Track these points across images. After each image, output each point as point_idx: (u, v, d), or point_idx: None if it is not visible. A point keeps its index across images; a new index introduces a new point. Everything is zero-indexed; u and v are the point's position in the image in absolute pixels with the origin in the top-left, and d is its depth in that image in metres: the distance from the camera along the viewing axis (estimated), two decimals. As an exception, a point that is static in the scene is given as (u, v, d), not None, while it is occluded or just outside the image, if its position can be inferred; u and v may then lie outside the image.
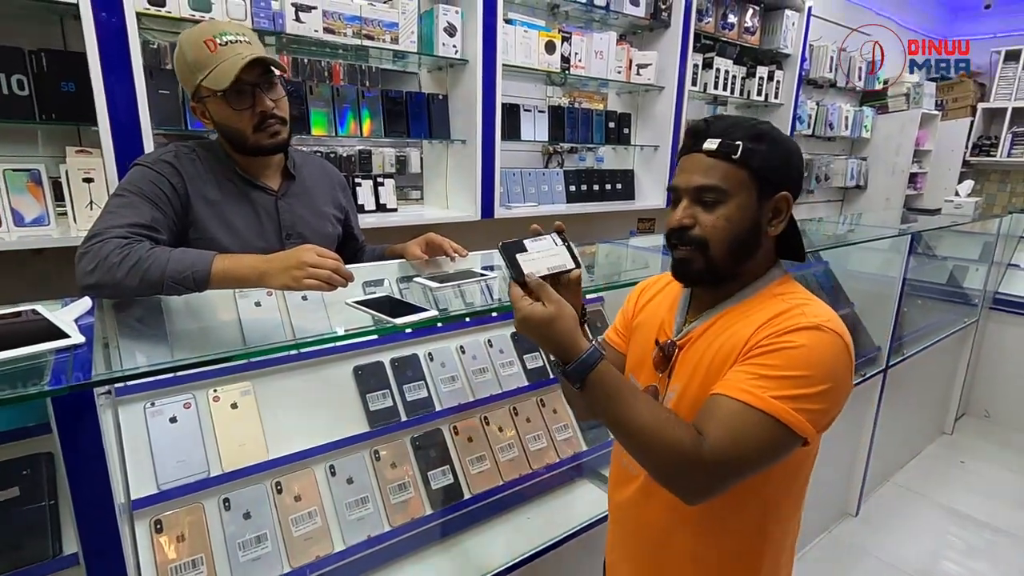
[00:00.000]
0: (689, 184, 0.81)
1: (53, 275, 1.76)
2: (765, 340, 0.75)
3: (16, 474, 0.87)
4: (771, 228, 0.82)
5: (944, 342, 2.95)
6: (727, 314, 0.84)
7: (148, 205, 1.13)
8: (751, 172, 0.79)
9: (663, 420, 0.73)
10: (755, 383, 0.72)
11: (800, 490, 0.88)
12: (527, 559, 1.19)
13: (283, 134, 1.25)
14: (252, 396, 1.15)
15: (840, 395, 0.76)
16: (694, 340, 0.85)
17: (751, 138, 0.79)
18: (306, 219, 1.35)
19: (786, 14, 3.61)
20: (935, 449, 3.19)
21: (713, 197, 0.79)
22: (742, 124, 0.80)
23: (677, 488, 0.74)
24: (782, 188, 0.81)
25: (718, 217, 0.79)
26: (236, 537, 1.02)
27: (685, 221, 0.81)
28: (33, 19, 1.67)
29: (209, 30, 1.17)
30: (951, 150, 5.28)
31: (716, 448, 0.70)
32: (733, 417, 0.71)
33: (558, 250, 0.88)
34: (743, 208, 0.79)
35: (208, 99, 1.19)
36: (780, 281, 0.85)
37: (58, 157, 1.68)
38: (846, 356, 0.76)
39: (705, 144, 0.80)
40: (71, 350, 0.75)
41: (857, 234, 2.65)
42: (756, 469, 0.74)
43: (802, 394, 0.71)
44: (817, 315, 0.76)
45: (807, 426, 0.72)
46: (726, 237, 0.80)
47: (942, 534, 2.49)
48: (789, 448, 0.74)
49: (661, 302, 0.97)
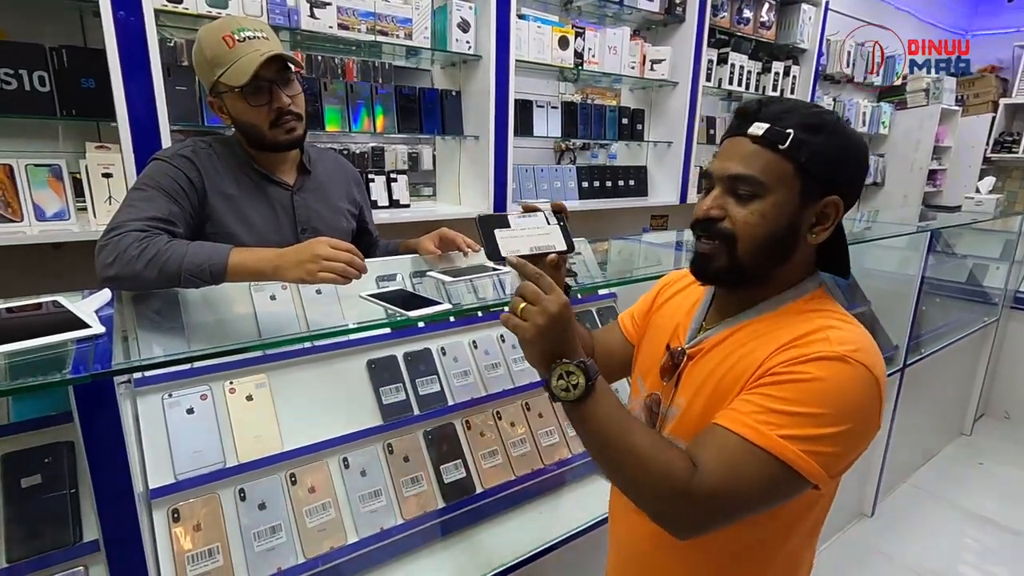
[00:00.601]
0: (724, 171, 0.71)
1: (73, 268, 1.78)
2: (779, 367, 0.66)
3: (39, 462, 0.89)
4: (812, 235, 0.72)
5: (963, 341, 2.90)
6: (747, 327, 0.75)
7: (166, 199, 1.15)
8: (797, 167, 0.68)
9: (656, 443, 0.66)
10: (761, 417, 0.64)
11: (811, 531, 0.80)
12: (539, 554, 1.19)
13: (299, 130, 1.26)
14: (267, 388, 1.16)
15: (862, 438, 0.67)
16: (706, 351, 0.77)
17: (806, 128, 0.68)
18: (321, 214, 1.37)
19: (802, 8, 3.57)
20: (953, 450, 3.14)
21: (748, 190, 0.70)
22: (799, 110, 0.70)
23: (663, 520, 0.66)
24: (833, 191, 0.70)
25: (751, 212, 0.69)
26: (251, 527, 1.03)
27: (713, 212, 0.72)
28: (54, 16, 1.70)
29: (228, 26, 1.18)
30: (972, 146, 5.18)
31: (708, 482, 0.63)
32: (731, 452, 0.64)
33: (549, 229, 0.79)
34: (781, 206, 0.69)
35: (226, 94, 1.20)
36: (812, 295, 0.75)
37: (78, 152, 1.71)
38: (873, 393, 0.66)
39: (751, 128, 0.70)
40: (92, 340, 0.76)
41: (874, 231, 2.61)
42: (753, 510, 0.66)
43: (815, 434, 0.63)
44: (844, 342, 0.66)
45: (817, 470, 0.63)
46: (757, 236, 0.70)
47: (959, 536, 2.45)
48: (793, 492, 0.66)
49: (681, 302, 0.90)
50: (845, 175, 0.71)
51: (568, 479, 1.40)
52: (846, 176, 0.71)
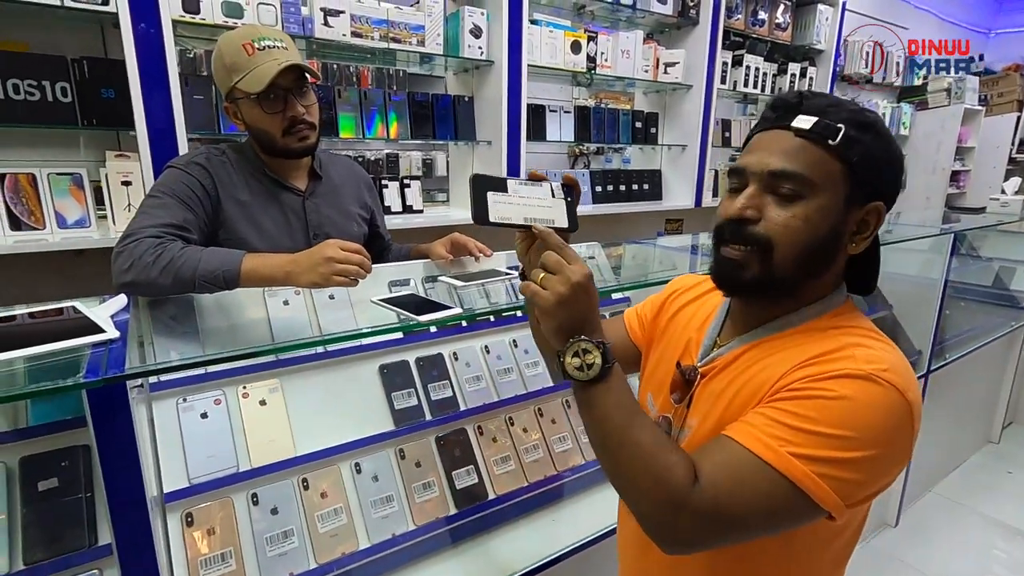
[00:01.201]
0: (764, 166, 0.63)
1: (95, 274, 1.82)
2: (799, 383, 0.60)
3: (56, 465, 0.91)
4: (853, 244, 0.66)
5: (990, 346, 2.82)
6: (765, 342, 0.68)
7: (180, 206, 1.17)
8: (848, 167, 0.62)
9: (661, 443, 0.60)
10: (773, 431, 0.58)
11: (832, 567, 0.73)
12: (551, 562, 1.18)
13: (311, 139, 1.28)
14: (280, 393, 1.17)
15: (888, 468, 0.60)
16: (720, 369, 0.71)
17: (856, 125, 0.62)
18: (332, 219, 1.38)
19: (819, 9, 3.53)
20: (980, 458, 3.05)
21: (792, 188, 0.62)
22: (846, 106, 0.64)
23: (654, 527, 0.60)
24: (877, 196, 0.64)
25: (794, 215, 0.62)
26: (264, 532, 1.04)
27: (748, 212, 0.63)
28: (76, 28, 1.74)
29: (249, 34, 1.21)
30: (996, 146, 5.06)
31: (707, 494, 0.57)
32: (736, 465, 0.58)
33: (552, 203, 0.71)
34: (826, 210, 0.62)
35: (241, 101, 1.22)
36: (838, 311, 0.68)
37: (98, 161, 1.75)
38: (904, 418, 0.58)
39: (796, 120, 0.63)
40: (106, 344, 0.77)
41: (895, 234, 2.56)
42: (752, 531, 0.59)
43: (831, 457, 0.56)
44: (871, 361, 0.59)
45: (832, 497, 0.56)
46: (797, 243, 0.62)
47: (988, 548, 2.37)
48: (804, 518, 0.59)
49: (694, 315, 0.82)
50: (889, 180, 0.65)
51: (581, 486, 1.39)
52: (889, 181, 0.65)
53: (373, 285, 1.14)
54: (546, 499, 1.32)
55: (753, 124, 0.85)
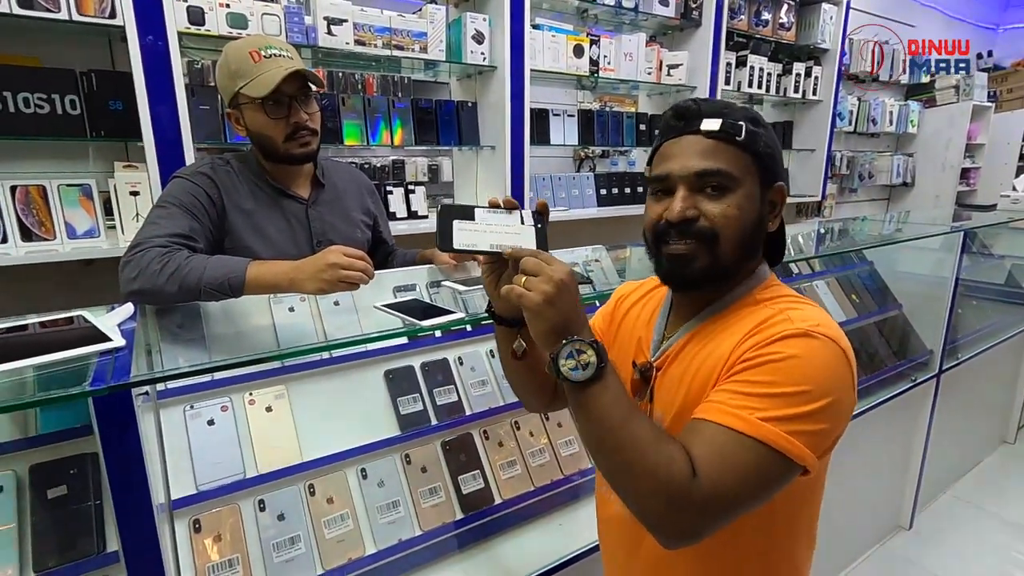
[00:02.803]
0: (689, 169, 0.69)
1: (104, 284, 1.84)
2: (749, 353, 0.65)
3: (65, 473, 0.91)
4: (769, 223, 0.74)
5: (1003, 345, 2.78)
6: (707, 325, 0.73)
7: (186, 216, 1.18)
8: (755, 157, 0.70)
9: (659, 435, 0.62)
10: (739, 402, 0.62)
11: (808, 524, 0.78)
12: (558, 567, 1.17)
13: (313, 145, 1.29)
14: (286, 399, 1.18)
15: (842, 411, 0.65)
16: (672, 358, 0.75)
17: (751, 121, 0.70)
18: (336, 226, 1.39)
19: (823, 8, 3.51)
20: (996, 459, 3.00)
21: (719, 182, 0.68)
22: (735, 106, 0.72)
23: (657, 522, 0.61)
24: (777, 179, 0.73)
25: (728, 206, 0.68)
26: (271, 538, 1.04)
27: (689, 212, 0.69)
28: (84, 42, 1.77)
29: (255, 43, 1.23)
30: (1007, 143, 5.01)
31: (705, 483, 0.59)
32: (718, 445, 0.61)
33: (520, 229, 0.71)
34: (751, 197, 0.70)
35: (245, 106, 1.23)
36: (766, 284, 0.75)
37: (107, 172, 1.77)
38: (844, 364, 0.65)
39: (704, 124, 0.69)
40: (113, 353, 0.78)
41: (904, 233, 2.53)
42: (749, 505, 0.62)
43: (796, 413, 0.61)
44: (805, 319, 0.66)
45: (804, 451, 0.61)
46: (738, 228, 0.69)
47: (1005, 551, 2.33)
48: (785, 479, 0.63)
49: (639, 315, 0.86)
50: (779, 162, 0.74)
51: (588, 490, 1.38)
52: (779, 163, 0.74)
53: (378, 291, 1.14)
54: (553, 503, 1.32)
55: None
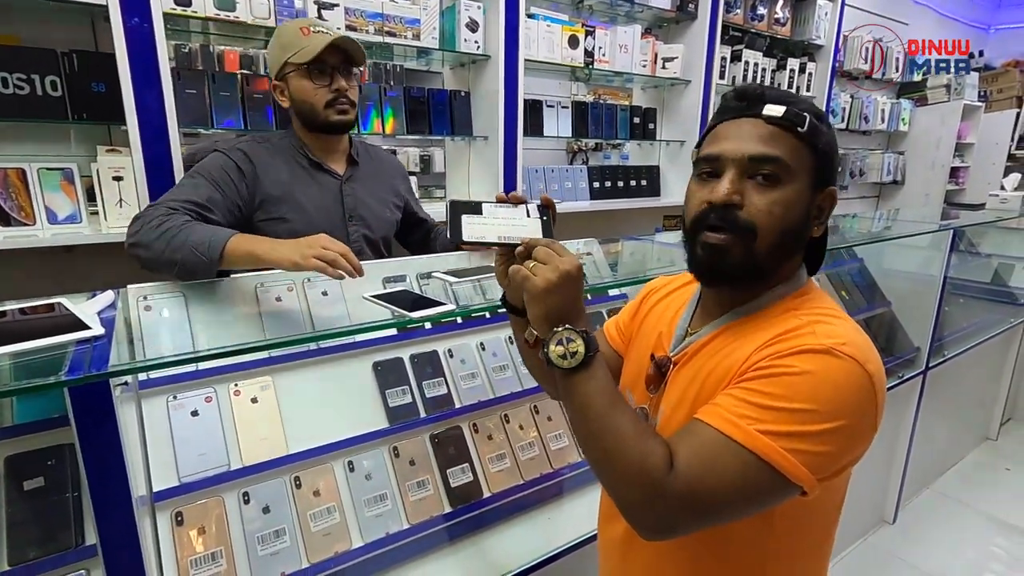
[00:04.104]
0: (743, 152, 0.64)
1: (86, 271, 1.80)
2: (764, 362, 0.62)
3: (42, 464, 0.89)
4: (816, 227, 0.70)
5: (988, 343, 2.81)
6: (734, 326, 0.70)
7: (209, 187, 1.25)
8: (815, 153, 0.65)
9: (640, 430, 0.62)
10: (740, 410, 0.60)
11: (814, 545, 0.74)
12: (547, 560, 1.17)
13: (351, 115, 1.39)
14: (272, 391, 1.15)
15: (857, 438, 0.61)
16: (691, 356, 0.73)
17: (816, 115, 0.66)
18: (367, 202, 1.48)
19: (818, 4, 3.51)
20: (978, 455, 3.05)
21: (773, 171, 0.64)
22: (802, 98, 0.68)
23: (633, 514, 0.61)
24: (831, 183, 0.69)
25: (775, 201, 0.64)
26: (256, 531, 1.02)
27: (735, 198, 0.64)
28: (66, 21, 1.72)
29: (306, 21, 1.37)
30: (996, 143, 5.06)
31: (681, 478, 0.58)
32: (708, 447, 0.59)
33: (527, 222, 0.73)
34: (801, 195, 0.65)
35: (291, 75, 1.33)
36: (801, 291, 0.71)
37: (90, 156, 1.72)
38: (866, 388, 0.60)
39: (766, 109, 0.65)
40: (91, 341, 0.76)
41: (894, 230, 2.55)
42: (732, 514, 0.61)
43: (799, 431, 0.58)
44: (831, 336, 0.61)
45: (801, 471, 0.58)
46: (778, 228, 0.64)
47: (985, 544, 2.37)
48: (777, 495, 0.60)
49: (665, 310, 0.84)
50: (836, 169, 0.71)
51: (578, 484, 1.37)
52: (836, 170, 0.71)
53: (367, 281, 1.12)
54: (542, 497, 1.31)
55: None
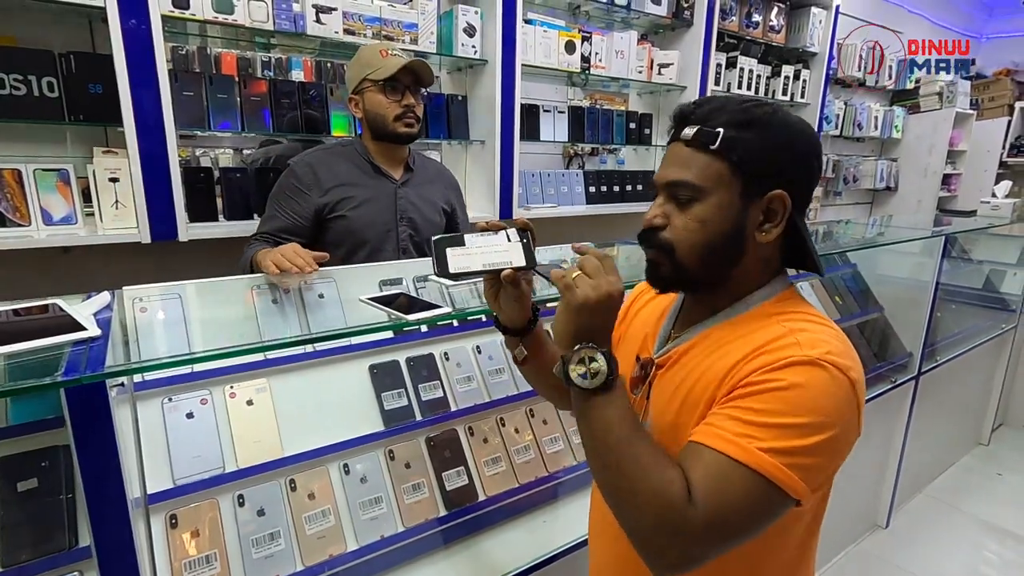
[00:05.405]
0: (663, 178, 0.71)
1: (82, 272, 1.80)
2: (753, 377, 0.63)
3: (36, 466, 0.89)
4: (763, 234, 0.69)
5: (980, 349, 2.84)
6: (714, 332, 0.72)
7: (278, 217, 1.52)
8: (731, 166, 0.66)
9: (659, 458, 0.61)
10: (739, 429, 0.60)
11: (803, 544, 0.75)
12: (541, 563, 1.17)
13: (415, 128, 1.58)
14: (268, 393, 1.15)
15: (841, 446, 0.63)
16: (674, 360, 0.74)
17: (736, 124, 0.66)
18: (418, 206, 1.64)
19: (812, 12, 3.54)
20: (970, 460, 3.07)
21: (686, 194, 0.68)
22: (729, 107, 0.68)
23: (651, 549, 0.60)
24: (776, 185, 0.67)
25: (690, 219, 0.68)
26: (250, 534, 1.02)
27: (656, 220, 0.71)
28: (63, 22, 1.71)
29: (386, 45, 1.59)
30: (987, 150, 5.10)
31: (700, 509, 0.58)
32: (717, 473, 0.59)
33: (508, 246, 0.76)
34: (723, 208, 0.67)
35: (367, 90, 1.53)
36: (780, 297, 0.72)
37: (86, 157, 1.72)
38: (851, 397, 0.62)
39: (683, 131, 0.69)
40: (87, 343, 0.76)
41: (887, 236, 2.57)
42: (743, 538, 0.61)
43: (796, 447, 0.59)
44: (815, 345, 0.63)
45: (799, 485, 0.59)
46: (697, 242, 0.68)
47: (978, 549, 2.39)
48: (780, 511, 0.61)
49: (651, 312, 0.86)
50: (787, 167, 0.67)
51: (573, 487, 1.38)
52: (788, 168, 0.68)
53: (364, 284, 1.12)
54: (537, 500, 1.32)
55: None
